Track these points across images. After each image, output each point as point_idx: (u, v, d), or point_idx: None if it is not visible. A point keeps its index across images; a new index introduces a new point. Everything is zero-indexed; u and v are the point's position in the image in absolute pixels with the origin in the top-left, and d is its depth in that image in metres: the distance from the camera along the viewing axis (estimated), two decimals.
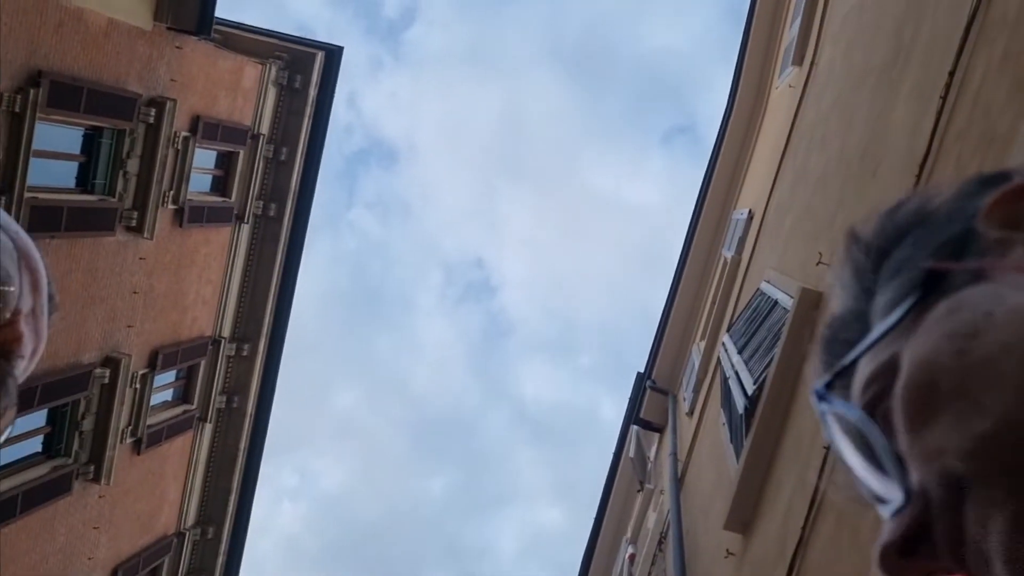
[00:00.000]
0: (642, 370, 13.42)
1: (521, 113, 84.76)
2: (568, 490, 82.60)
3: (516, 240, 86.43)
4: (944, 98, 3.57)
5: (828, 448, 3.92)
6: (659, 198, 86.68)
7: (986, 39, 3.33)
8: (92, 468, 11.41)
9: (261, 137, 13.64)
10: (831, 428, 0.46)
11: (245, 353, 14.59)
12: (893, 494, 0.41)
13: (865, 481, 0.44)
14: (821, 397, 0.45)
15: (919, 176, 3.64)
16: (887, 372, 0.42)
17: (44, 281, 0.69)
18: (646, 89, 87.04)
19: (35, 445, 10.87)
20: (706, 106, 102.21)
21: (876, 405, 0.43)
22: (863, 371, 0.45)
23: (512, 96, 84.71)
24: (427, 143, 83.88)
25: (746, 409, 5.44)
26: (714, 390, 8.10)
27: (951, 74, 3.56)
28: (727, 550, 5.30)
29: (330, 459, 76.85)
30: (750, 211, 9.60)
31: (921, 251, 0.46)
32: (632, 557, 10.59)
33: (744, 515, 4.95)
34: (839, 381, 0.46)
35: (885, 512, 0.42)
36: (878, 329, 0.45)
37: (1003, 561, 0.34)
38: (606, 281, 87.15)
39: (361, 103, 75.64)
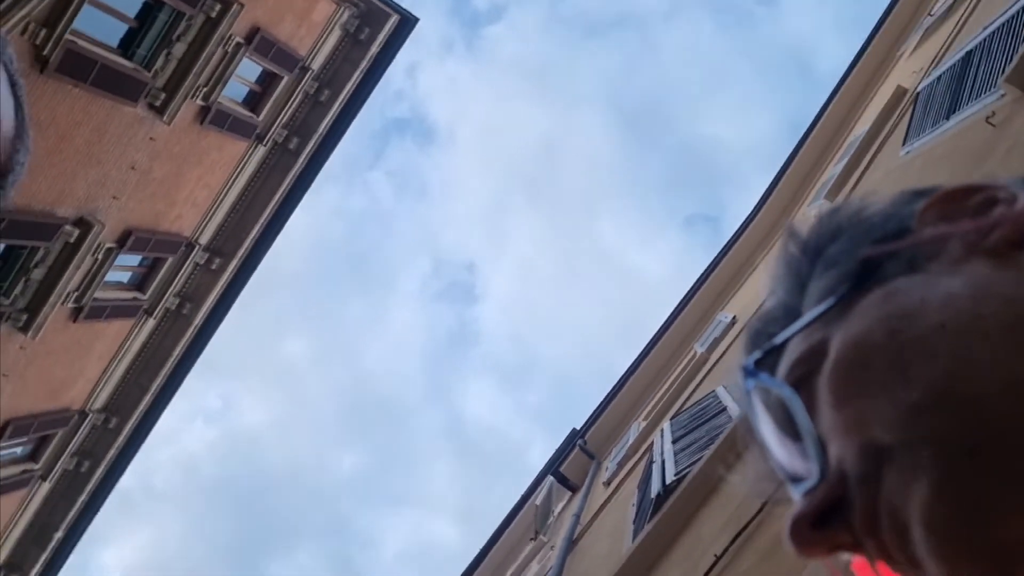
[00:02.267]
0: (579, 427, 13.43)
1: (562, 143, 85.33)
2: (469, 513, 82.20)
3: (512, 260, 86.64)
4: None
5: (718, 557, 3.95)
6: (659, 274, 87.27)
7: None
8: (25, 317, 11.26)
9: (309, 72, 13.65)
10: (753, 406, 0.47)
11: (214, 267, 14.48)
12: (808, 472, 0.42)
13: (780, 462, 0.46)
14: (749, 372, 0.47)
15: None
16: (815, 355, 0.44)
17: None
18: (687, 168, 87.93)
19: None
20: (737, 206, 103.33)
21: (800, 387, 0.44)
22: (790, 354, 0.46)
23: (560, 124, 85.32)
24: (466, 137, 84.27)
25: (659, 495, 5.46)
26: (637, 470, 8.12)
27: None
28: None
29: (258, 398, 76.11)
30: (734, 317, 9.69)
31: (857, 245, 0.48)
32: None
33: None
34: (766, 361, 0.48)
35: (797, 493, 0.43)
36: (811, 313, 0.46)
37: (923, 526, 0.35)
38: (580, 332, 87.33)
39: (419, 76, 75.99)
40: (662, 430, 7.70)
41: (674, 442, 6.54)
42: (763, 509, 3.87)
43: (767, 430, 0.47)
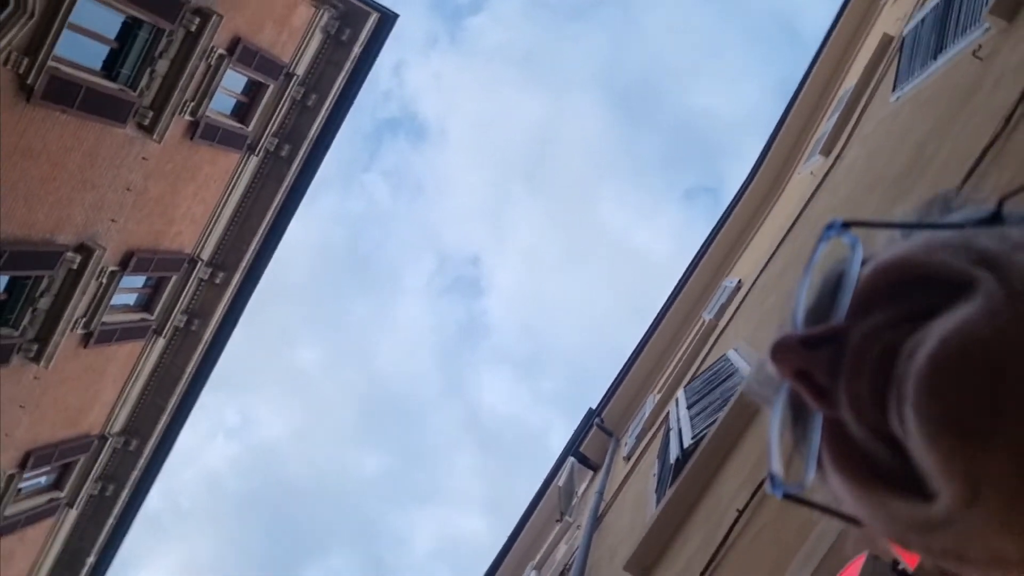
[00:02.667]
0: (595, 407, 13.44)
1: (556, 129, 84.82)
2: (496, 504, 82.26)
3: (516, 250, 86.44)
4: None
5: (740, 511, 3.96)
6: (663, 249, 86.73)
7: (998, 165, 3.39)
8: (36, 347, 11.31)
9: (295, 77, 13.65)
10: (813, 262, 0.51)
11: (218, 281, 14.52)
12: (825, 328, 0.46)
13: (799, 318, 0.49)
14: (833, 225, 0.50)
15: None
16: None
17: None
18: (682, 142, 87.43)
19: None
20: (736, 173, 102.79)
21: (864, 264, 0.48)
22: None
23: (552, 110, 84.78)
24: (458, 131, 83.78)
25: (678, 460, 5.47)
26: (656, 441, 8.14)
27: (958, 189, 3.62)
28: None
29: (275, 409, 76.26)
30: (740, 281, 9.68)
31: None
32: None
33: (646, 560, 4.97)
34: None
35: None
36: (915, 221, 0.52)
37: (941, 339, 0.39)
38: (589, 314, 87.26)
39: (406, 73, 75.57)
40: (677, 398, 7.71)
41: (689, 407, 6.55)
42: None
43: (804, 287, 0.50)
